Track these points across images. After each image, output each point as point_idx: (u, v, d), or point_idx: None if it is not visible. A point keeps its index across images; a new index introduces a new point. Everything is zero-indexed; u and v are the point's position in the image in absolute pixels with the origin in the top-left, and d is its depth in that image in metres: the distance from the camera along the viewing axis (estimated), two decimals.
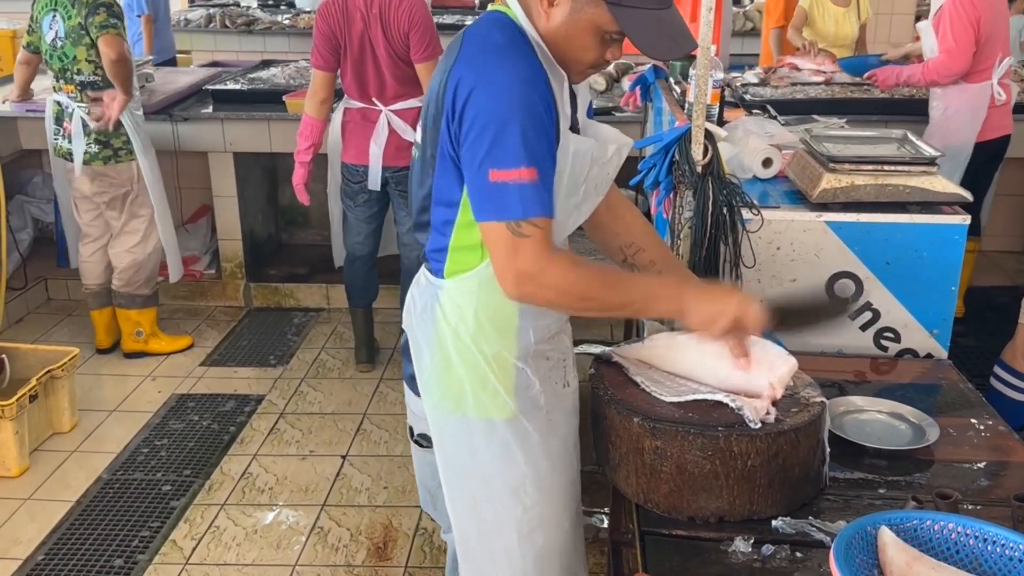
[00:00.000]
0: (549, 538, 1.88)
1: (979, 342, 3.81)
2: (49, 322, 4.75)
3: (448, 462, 1.88)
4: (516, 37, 1.64)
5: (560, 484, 1.88)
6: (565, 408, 1.88)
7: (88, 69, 3.94)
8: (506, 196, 1.55)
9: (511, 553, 1.87)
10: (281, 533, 3.12)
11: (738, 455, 1.64)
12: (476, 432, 1.81)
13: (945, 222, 2.32)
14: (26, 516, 3.22)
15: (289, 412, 3.88)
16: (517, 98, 1.55)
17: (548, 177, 1.59)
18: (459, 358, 1.78)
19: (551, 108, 1.60)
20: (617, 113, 4.46)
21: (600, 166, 1.78)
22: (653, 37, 1.61)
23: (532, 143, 1.55)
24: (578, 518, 1.99)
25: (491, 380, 1.77)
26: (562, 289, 1.61)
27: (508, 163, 1.55)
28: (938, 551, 1.38)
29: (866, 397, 2.08)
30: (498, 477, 1.83)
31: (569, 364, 1.91)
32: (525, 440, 1.81)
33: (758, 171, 2.61)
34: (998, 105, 3.91)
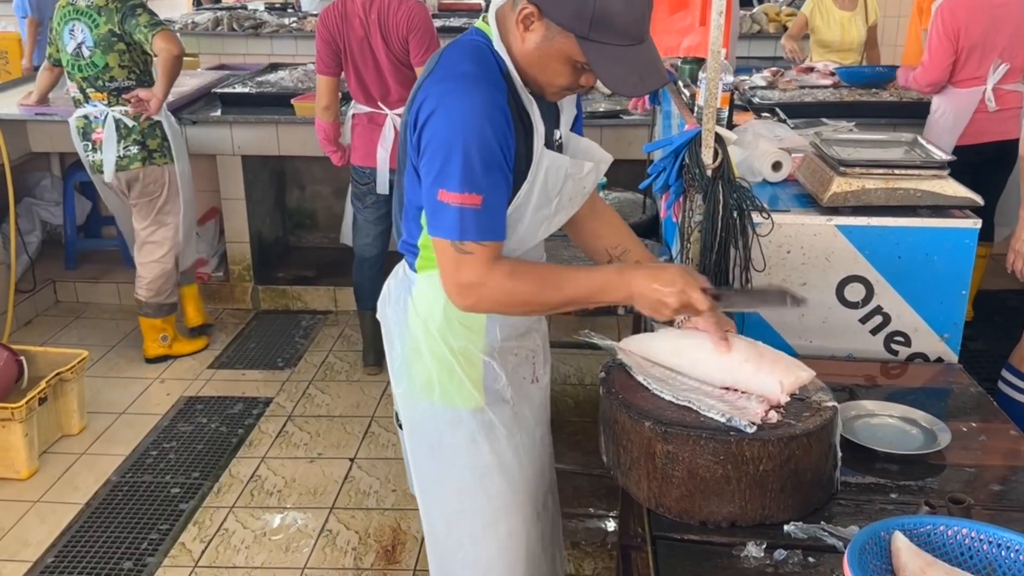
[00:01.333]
0: (513, 528, 1.94)
1: (989, 346, 3.80)
2: (58, 324, 4.76)
3: (417, 448, 1.97)
4: (486, 66, 1.67)
5: (527, 476, 1.94)
6: (533, 403, 1.95)
7: (121, 75, 3.93)
8: (448, 217, 1.63)
9: (475, 540, 1.95)
10: (290, 536, 3.13)
11: (750, 460, 1.63)
12: (443, 421, 1.89)
13: (956, 226, 2.31)
14: (35, 518, 3.23)
15: (297, 415, 3.89)
16: (471, 128, 1.60)
17: (495, 204, 1.65)
18: (428, 349, 1.85)
19: (507, 139, 1.64)
20: (625, 116, 4.47)
21: (576, 181, 1.82)
22: (618, 73, 1.63)
23: (478, 172, 1.61)
24: (550, 512, 2.06)
25: (458, 372, 1.85)
26: (501, 300, 1.69)
27: (454, 187, 1.61)
28: (951, 556, 1.38)
29: (877, 401, 2.07)
30: (464, 466, 1.90)
31: (539, 360, 1.97)
32: (490, 431, 1.88)
33: (768, 175, 2.60)
34: (989, 111, 3.91)
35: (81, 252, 5.18)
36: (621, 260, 2.00)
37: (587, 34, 1.59)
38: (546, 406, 2.02)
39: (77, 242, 5.16)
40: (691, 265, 2.34)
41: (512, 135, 1.66)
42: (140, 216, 4.15)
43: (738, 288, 1.77)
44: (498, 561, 1.96)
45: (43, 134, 4.71)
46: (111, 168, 3.99)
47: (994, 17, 3.85)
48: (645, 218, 3.38)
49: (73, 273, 5.12)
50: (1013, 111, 3.96)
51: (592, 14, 1.57)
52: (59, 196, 5.16)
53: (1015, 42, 3.89)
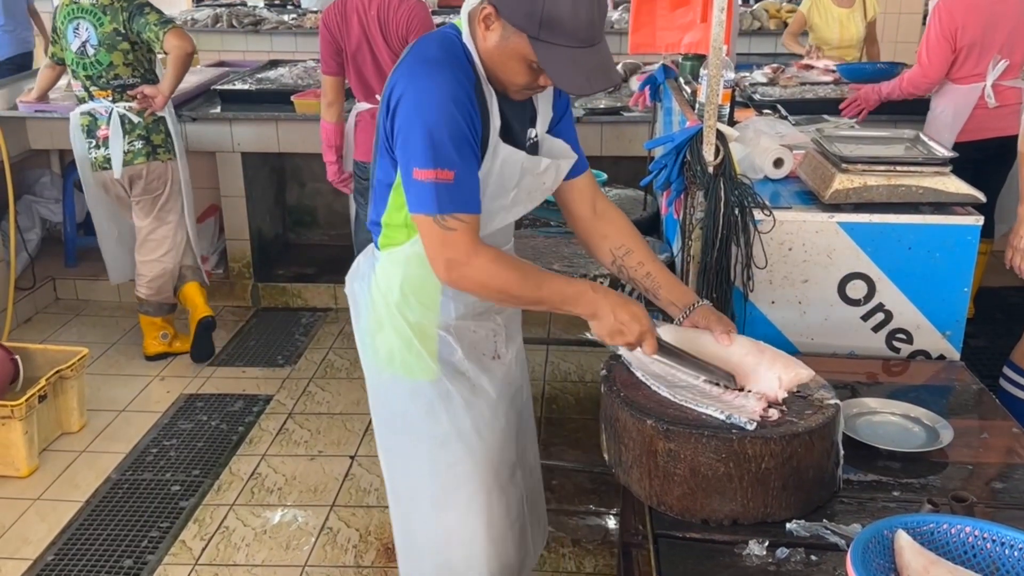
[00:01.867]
0: (473, 495, 2.01)
1: (990, 343, 3.79)
2: (57, 322, 4.76)
3: (379, 417, 2.08)
4: (453, 53, 1.76)
5: (487, 445, 2.00)
6: (494, 376, 2.02)
7: (126, 73, 3.93)
8: (425, 193, 1.71)
9: (436, 506, 2.03)
10: (290, 533, 3.12)
11: (752, 457, 1.63)
12: (404, 391, 1.99)
13: (958, 223, 2.30)
14: (36, 516, 3.22)
15: (297, 412, 3.88)
16: (437, 108, 1.69)
17: (467, 178, 1.73)
18: (389, 322, 1.95)
19: (473, 119, 1.73)
20: (626, 113, 4.46)
21: (534, 176, 1.89)
22: (567, 73, 1.70)
23: (448, 148, 1.69)
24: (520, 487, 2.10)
25: (415, 344, 1.94)
26: (483, 282, 1.77)
27: (426, 164, 1.70)
28: (955, 555, 1.38)
29: (879, 399, 2.07)
30: (423, 433, 1.99)
31: (500, 339, 2.04)
32: (448, 401, 1.97)
33: (769, 172, 2.60)
34: (989, 108, 3.90)
35: (81, 249, 5.16)
36: (624, 260, 2.03)
37: (538, 34, 1.67)
38: (511, 381, 2.08)
39: (77, 239, 5.15)
40: (693, 263, 2.34)
41: (478, 117, 1.74)
42: (142, 213, 4.14)
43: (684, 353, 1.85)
44: (458, 527, 2.03)
45: (43, 131, 4.70)
46: (119, 163, 3.98)
47: (992, 14, 3.84)
48: (646, 215, 3.38)
49: (73, 270, 5.12)
50: (1013, 107, 3.95)
51: (541, 16, 1.65)
52: (59, 193, 5.15)
53: (1014, 38, 3.88)
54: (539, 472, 2.30)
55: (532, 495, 2.22)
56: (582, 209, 2.06)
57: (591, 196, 2.06)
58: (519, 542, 2.11)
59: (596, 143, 4.50)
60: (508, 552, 2.07)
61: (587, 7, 1.67)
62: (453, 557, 2.05)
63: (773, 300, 2.37)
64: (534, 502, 2.24)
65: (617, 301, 1.80)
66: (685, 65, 3.45)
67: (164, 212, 4.15)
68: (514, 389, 2.09)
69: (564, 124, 2.02)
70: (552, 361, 4.26)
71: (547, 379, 4.11)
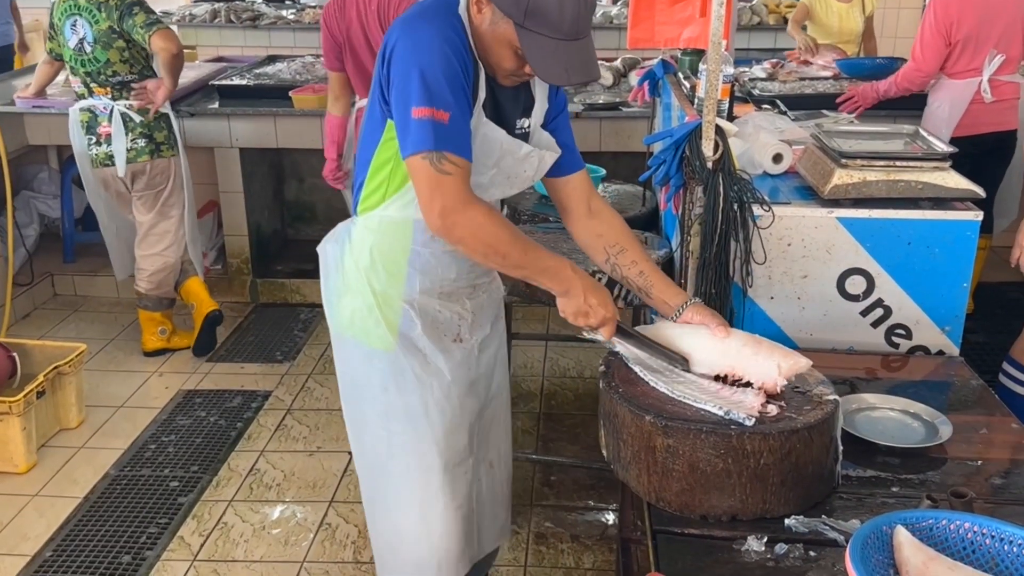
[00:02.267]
0: (410, 468, 2.06)
1: (989, 338, 3.79)
2: (56, 318, 4.75)
3: (342, 379, 2.15)
4: (450, 12, 1.79)
5: (433, 424, 2.04)
6: (452, 358, 2.04)
7: (123, 69, 3.93)
8: (423, 130, 1.71)
9: (380, 468, 2.11)
10: (289, 529, 3.12)
11: (751, 453, 1.63)
12: (359, 355, 2.05)
13: (957, 218, 2.30)
14: (34, 512, 3.22)
15: (296, 408, 3.88)
16: (433, 51, 1.72)
17: (461, 121, 1.74)
18: (355, 286, 2.00)
19: (467, 65, 1.76)
20: (624, 108, 4.45)
21: (514, 160, 1.92)
22: (547, 63, 1.73)
23: (443, 88, 1.71)
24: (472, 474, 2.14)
25: (375, 312, 1.99)
26: (473, 232, 1.76)
27: (425, 102, 1.71)
28: (954, 551, 1.37)
29: (878, 394, 2.06)
30: (374, 399, 2.05)
31: (466, 324, 2.06)
32: (400, 375, 2.01)
33: (768, 167, 2.59)
34: (986, 103, 3.90)
35: (79, 245, 5.16)
36: (618, 259, 2.05)
37: (523, 22, 1.71)
38: (471, 367, 2.10)
39: (75, 235, 5.14)
40: (692, 258, 2.33)
41: (471, 66, 1.78)
42: (144, 208, 4.14)
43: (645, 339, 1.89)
44: (395, 495, 2.10)
45: (40, 127, 4.69)
46: (122, 161, 3.98)
47: (987, 8, 3.83)
48: (645, 211, 3.37)
49: (71, 266, 5.11)
50: (1010, 102, 3.94)
51: (528, 4, 1.69)
52: (57, 189, 5.14)
53: (1010, 33, 3.88)
54: (506, 472, 2.31)
55: (493, 492, 2.25)
56: (577, 207, 2.07)
57: (586, 195, 2.07)
58: (461, 528, 2.13)
59: (595, 138, 4.49)
60: (446, 532, 2.10)
61: (573, 2, 1.71)
62: (393, 519, 2.13)
63: (772, 295, 2.36)
64: (494, 499, 2.26)
65: (590, 284, 1.85)
66: (684, 60, 3.45)
67: (167, 207, 4.14)
68: (475, 376, 2.12)
69: (560, 122, 2.04)
70: (551, 357, 4.25)
71: (546, 375, 4.11)
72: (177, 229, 4.19)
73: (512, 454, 2.39)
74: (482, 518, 2.22)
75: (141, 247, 4.20)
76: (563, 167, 2.05)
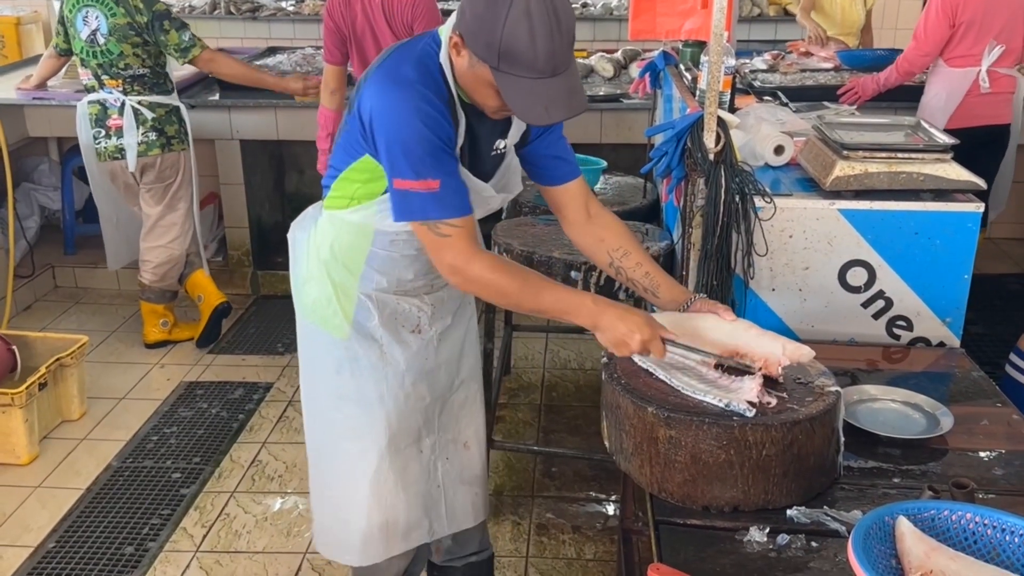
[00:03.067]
0: (364, 451, 2.10)
1: (989, 330, 3.79)
2: (57, 310, 4.75)
3: (302, 360, 2.22)
4: (427, 73, 1.81)
5: (387, 410, 2.08)
6: (409, 348, 2.10)
7: (136, 63, 3.93)
8: (414, 202, 1.80)
9: (333, 450, 2.17)
10: (291, 520, 3.13)
11: (753, 445, 1.63)
12: (319, 341, 2.11)
13: (958, 210, 2.30)
14: (36, 504, 3.23)
15: (297, 400, 3.86)
16: (409, 123, 1.76)
17: (452, 184, 1.80)
18: (317, 274, 2.06)
19: (445, 129, 1.79)
20: (625, 100, 4.45)
21: (482, 199, 1.97)
22: (526, 103, 1.73)
23: (426, 160, 1.76)
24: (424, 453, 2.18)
25: (334, 302, 2.05)
26: (480, 288, 1.86)
27: (409, 175, 1.78)
28: (956, 541, 1.38)
29: (879, 386, 2.07)
30: (330, 384, 2.11)
31: (427, 315, 2.10)
32: (354, 363, 2.07)
33: (770, 159, 2.59)
34: (983, 93, 3.90)
35: (80, 237, 5.16)
36: (623, 262, 2.05)
37: (498, 65, 1.71)
38: (428, 357, 2.13)
39: (76, 227, 5.14)
40: (693, 250, 2.33)
41: (452, 128, 1.81)
42: (152, 201, 4.13)
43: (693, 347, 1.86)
44: (346, 475, 2.15)
45: (41, 119, 4.69)
46: (133, 156, 3.98)
47: None
48: (645, 203, 3.37)
49: (72, 258, 5.11)
50: (1005, 96, 3.94)
51: (499, 48, 1.68)
52: (57, 181, 5.14)
53: (1013, 25, 3.87)
54: (477, 455, 2.32)
55: (469, 470, 2.29)
56: (576, 214, 2.08)
57: (584, 200, 2.08)
58: (413, 505, 2.18)
59: (596, 130, 4.49)
60: (394, 511, 2.15)
61: (546, 39, 1.67)
62: (341, 499, 2.18)
63: (774, 287, 2.37)
64: (470, 477, 2.30)
65: (617, 313, 1.81)
66: (685, 52, 3.44)
67: (175, 200, 4.14)
68: (432, 366, 2.15)
69: (553, 134, 2.05)
70: (551, 349, 4.26)
71: (547, 367, 4.12)
72: (184, 222, 4.19)
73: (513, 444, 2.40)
74: (454, 495, 2.26)
75: (147, 239, 4.20)
76: (559, 176, 2.06)
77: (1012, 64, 3.94)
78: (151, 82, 3.98)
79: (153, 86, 3.99)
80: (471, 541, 2.39)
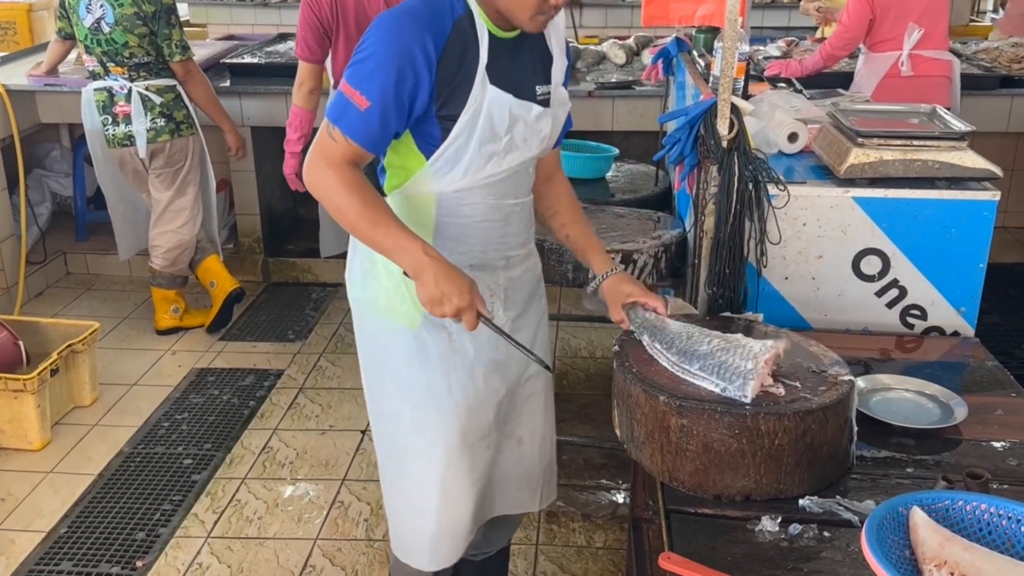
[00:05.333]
0: (431, 444, 2.03)
1: (1003, 319, 3.77)
2: (69, 296, 4.77)
3: (362, 351, 2.12)
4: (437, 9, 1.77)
5: (456, 402, 2.01)
6: (478, 337, 1.99)
7: (141, 52, 3.93)
8: (338, 102, 1.78)
9: (399, 444, 2.09)
10: (302, 507, 3.14)
11: (765, 434, 1.62)
12: (384, 332, 2.02)
13: (974, 198, 2.28)
14: (49, 489, 3.24)
15: (308, 387, 3.89)
16: (396, 44, 1.73)
17: (378, 117, 1.76)
18: (381, 262, 1.94)
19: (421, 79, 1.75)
20: (637, 87, 4.42)
21: (527, 124, 1.89)
22: None
23: (381, 84, 1.74)
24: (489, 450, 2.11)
25: (402, 288, 1.94)
26: (325, 195, 1.82)
27: (353, 82, 1.76)
28: (970, 532, 1.37)
29: (893, 375, 2.05)
30: (396, 376, 2.03)
31: (499, 299, 2.03)
32: (422, 351, 1.99)
33: (784, 146, 2.57)
34: (906, 76, 3.87)
35: (91, 224, 5.17)
36: (551, 222, 2.15)
37: None
38: (499, 347, 2.03)
39: (87, 214, 5.16)
40: (706, 238, 2.32)
41: (429, 73, 1.76)
42: (162, 186, 4.14)
43: (507, 335, 1.89)
44: (414, 470, 2.07)
45: (52, 105, 4.69)
46: (143, 142, 3.99)
47: None
48: (658, 191, 3.36)
49: (83, 245, 5.13)
50: (935, 79, 3.90)
51: None
52: (69, 167, 5.15)
53: (935, 8, 3.86)
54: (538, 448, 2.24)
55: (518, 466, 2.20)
56: (538, 173, 2.09)
57: (549, 168, 2.11)
58: (477, 505, 2.11)
59: (608, 118, 4.47)
60: (461, 512, 2.09)
61: None
62: (409, 495, 2.11)
63: (787, 276, 2.35)
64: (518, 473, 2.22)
65: (444, 270, 1.78)
66: (699, 38, 3.42)
67: (185, 184, 4.15)
68: (501, 357, 2.05)
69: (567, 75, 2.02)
70: (562, 337, 4.25)
71: (557, 355, 4.11)
72: (193, 206, 4.19)
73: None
74: (497, 491, 2.19)
75: (157, 225, 4.20)
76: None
77: (940, 46, 3.91)
78: (156, 67, 3.98)
79: (159, 71, 3.99)
80: (501, 538, 2.36)
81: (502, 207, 1.95)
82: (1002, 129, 4.51)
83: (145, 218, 4.31)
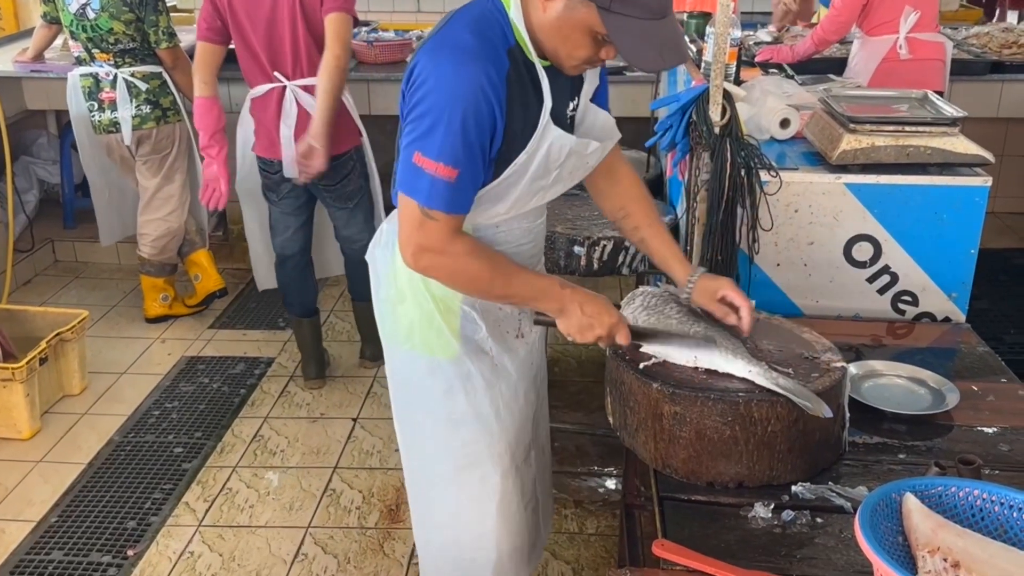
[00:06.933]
0: (486, 475, 1.96)
1: (993, 305, 3.78)
2: (57, 284, 4.74)
3: (397, 390, 2.03)
4: (489, 40, 1.65)
5: (505, 427, 1.95)
6: (516, 356, 1.95)
7: (126, 39, 3.89)
8: (420, 180, 1.64)
9: (448, 482, 1.99)
10: (293, 495, 3.13)
11: (758, 420, 1.62)
12: (421, 367, 1.92)
13: (966, 184, 2.29)
14: (39, 478, 3.23)
15: (299, 375, 3.87)
16: (462, 102, 1.60)
17: (468, 180, 1.66)
18: (410, 294, 1.86)
19: (494, 120, 1.64)
20: (629, 73, 4.40)
21: (579, 157, 1.82)
22: (639, 47, 1.60)
23: (459, 147, 1.61)
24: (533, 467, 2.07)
25: (437, 319, 1.86)
26: (452, 272, 1.73)
27: (432, 154, 1.62)
28: (963, 518, 1.37)
29: (884, 361, 2.06)
30: (440, 412, 1.93)
31: (527, 316, 1.95)
32: (467, 381, 1.90)
33: (776, 132, 2.57)
34: (904, 60, 3.86)
35: (79, 211, 5.13)
36: (622, 223, 2.01)
37: (609, 6, 1.57)
38: (532, 362, 2.02)
39: (75, 201, 5.11)
40: (698, 225, 2.32)
41: (502, 116, 1.65)
42: (149, 173, 4.11)
43: (662, 332, 1.82)
44: (468, 505, 2.00)
45: (39, 91, 4.65)
46: (129, 128, 3.96)
47: None
48: (649, 176, 3.36)
49: (72, 232, 5.09)
50: (932, 62, 3.89)
51: None
52: (56, 154, 5.11)
53: None
54: (549, 450, 2.26)
55: (543, 473, 2.20)
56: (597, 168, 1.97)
57: (608, 159, 1.97)
58: (531, 523, 2.08)
59: None
60: (520, 533, 2.04)
61: None
62: (463, 535, 2.02)
63: (778, 262, 2.35)
64: (545, 480, 2.21)
65: (583, 296, 1.76)
66: (690, 23, 3.41)
67: (172, 171, 4.12)
68: (535, 370, 2.04)
69: (602, 93, 1.96)
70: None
71: (548, 342, 4.10)
72: (181, 193, 4.16)
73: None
74: (540, 506, 2.17)
75: (145, 212, 4.18)
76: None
77: (933, 28, 3.90)
78: (142, 54, 3.94)
79: (145, 58, 3.95)
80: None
81: (533, 229, 1.92)
82: (992, 115, 4.51)
83: (132, 205, 4.28)
